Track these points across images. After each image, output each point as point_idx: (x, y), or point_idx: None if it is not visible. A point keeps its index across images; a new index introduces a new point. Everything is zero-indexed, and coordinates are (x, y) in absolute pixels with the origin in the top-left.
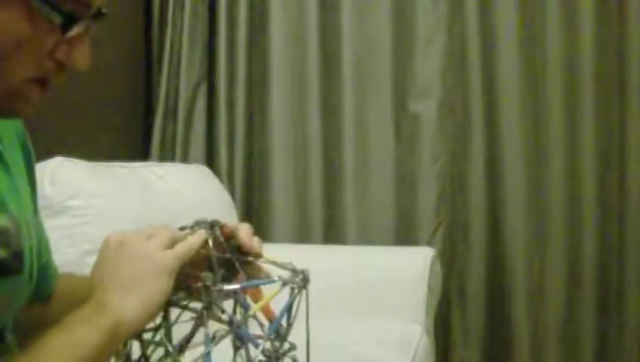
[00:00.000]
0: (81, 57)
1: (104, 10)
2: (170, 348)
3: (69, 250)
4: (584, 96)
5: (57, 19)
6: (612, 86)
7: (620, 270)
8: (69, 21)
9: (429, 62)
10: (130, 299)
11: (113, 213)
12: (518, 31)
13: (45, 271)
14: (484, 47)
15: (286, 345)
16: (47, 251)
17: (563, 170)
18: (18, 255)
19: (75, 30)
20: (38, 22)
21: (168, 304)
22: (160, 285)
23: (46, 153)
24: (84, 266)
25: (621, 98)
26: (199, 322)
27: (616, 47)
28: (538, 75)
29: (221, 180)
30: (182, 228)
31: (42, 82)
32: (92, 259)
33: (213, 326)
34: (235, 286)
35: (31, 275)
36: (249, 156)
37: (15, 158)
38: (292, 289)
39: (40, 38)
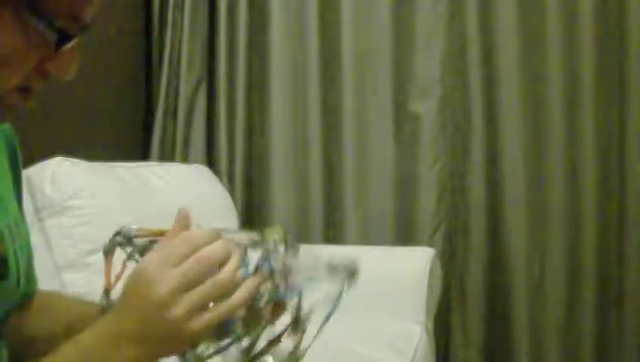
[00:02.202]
0: (71, 70)
1: (89, 22)
2: None
3: (69, 250)
4: (584, 96)
5: (52, 37)
6: (612, 86)
7: (620, 270)
8: (64, 38)
9: (429, 62)
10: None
11: (113, 213)
12: (518, 31)
13: (30, 276)
14: (484, 47)
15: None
16: (30, 256)
17: (563, 170)
18: (1, 261)
19: (67, 46)
20: (33, 38)
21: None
22: (174, 352)
23: (46, 153)
24: (84, 266)
25: (621, 98)
26: None
27: (617, 46)
28: (538, 75)
29: (221, 180)
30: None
31: (25, 90)
32: (92, 259)
33: None
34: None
35: (18, 280)
36: (249, 156)
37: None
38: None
39: (31, 53)
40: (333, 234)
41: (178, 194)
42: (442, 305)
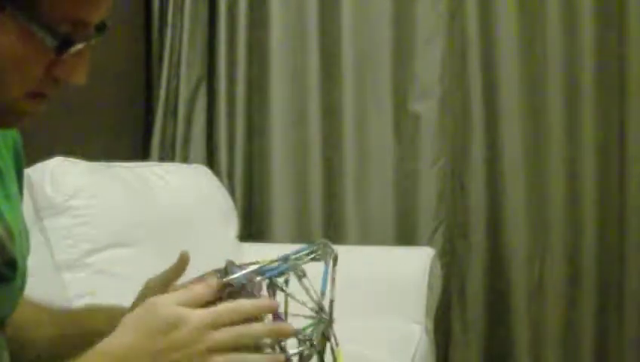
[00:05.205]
0: (79, 74)
1: (106, 23)
2: None
3: (69, 250)
4: (584, 97)
5: (52, 43)
6: (612, 86)
7: (620, 270)
8: (65, 44)
9: (429, 62)
10: None
11: (113, 213)
12: (518, 31)
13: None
14: (484, 47)
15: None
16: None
17: (563, 170)
18: (10, 263)
19: (70, 51)
20: (34, 43)
21: None
22: None
23: (46, 153)
24: (84, 266)
25: (621, 98)
26: None
27: (617, 48)
28: (538, 75)
29: (221, 180)
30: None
31: (38, 96)
32: (92, 259)
33: None
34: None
35: (22, 284)
36: (249, 156)
37: (7, 165)
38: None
39: (35, 59)
40: (333, 234)
41: (178, 194)
42: (442, 305)
